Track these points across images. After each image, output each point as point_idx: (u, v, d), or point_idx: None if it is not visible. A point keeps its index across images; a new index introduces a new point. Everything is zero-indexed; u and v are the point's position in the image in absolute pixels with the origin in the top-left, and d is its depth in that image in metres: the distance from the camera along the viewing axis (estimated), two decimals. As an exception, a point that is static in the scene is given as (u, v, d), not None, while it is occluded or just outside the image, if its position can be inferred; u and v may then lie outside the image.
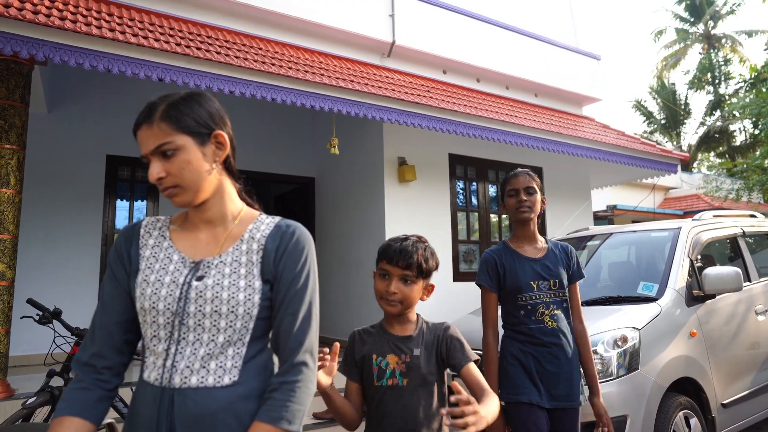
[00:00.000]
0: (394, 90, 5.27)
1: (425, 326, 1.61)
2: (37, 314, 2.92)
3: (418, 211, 5.94)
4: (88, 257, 5.58)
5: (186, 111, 1.08)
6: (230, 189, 1.17)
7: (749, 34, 21.83)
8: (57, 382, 2.82)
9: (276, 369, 1.12)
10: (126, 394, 3.20)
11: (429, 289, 1.62)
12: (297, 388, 1.04)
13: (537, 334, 2.14)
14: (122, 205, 6.01)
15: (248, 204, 1.23)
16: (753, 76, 14.07)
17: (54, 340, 2.90)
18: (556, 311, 2.15)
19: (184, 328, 1.04)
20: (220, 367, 1.04)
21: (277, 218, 1.18)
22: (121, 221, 5.93)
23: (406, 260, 1.52)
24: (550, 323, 2.14)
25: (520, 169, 2.28)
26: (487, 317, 2.21)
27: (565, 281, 2.19)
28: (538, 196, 2.22)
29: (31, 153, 4.60)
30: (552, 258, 2.21)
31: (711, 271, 3.26)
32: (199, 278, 1.06)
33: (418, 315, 1.64)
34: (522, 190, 2.20)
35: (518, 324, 2.18)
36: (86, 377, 1.08)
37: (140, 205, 6.12)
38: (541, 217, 2.42)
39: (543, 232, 2.41)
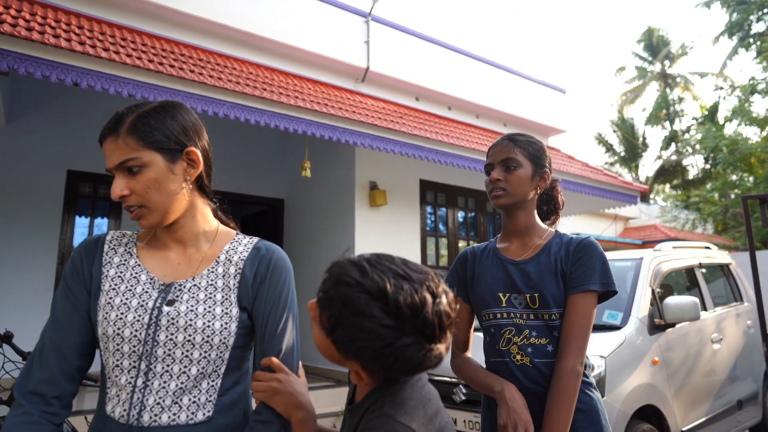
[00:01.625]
0: (367, 115, 5.32)
1: (372, 400, 0.86)
2: (-15, 337, 2.74)
3: (388, 236, 5.95)
4: (41, 276, 5.32)
5: (156, 125, 0.98)
6: (203, 208, 1.09)
7: (701, 75, 23.27)
8: (2, 411, 2.65)
9: (253, 402, 1.05)
10: (79, 424, 3.02)
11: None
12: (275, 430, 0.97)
13: (500, 370, 1.45)
14: (81, 222, 5.78)
15: (224, 223, 1.15)
16: (703, 114, 14.94)
17: (3, 366, 2.72)
18: (535, 341, 1.41)
19: (152, 358, 0.95)
20: (194, 402, 0.96)
21: (255, 239, 1.11)
22: (79, 239, 5.70)
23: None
24: (519, 357, 1.42)
25: (508, 134, 1.56)
26: (457, 336, 1.57)
27: (560, 294, 1.42)
28: (526, 171, 1.47)
29: (-14, 166, 4.39)
30: (541, 261, 1.46)
31: (671, 300, 3.37)
32: (170, 303, 0.97)
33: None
34: (497, 165, 1.49)
35: (486, 354, 1.55)
36: (32, 408, 0.93)
37: (101, 222, 5.91)
38: (548, 201, 1.68)
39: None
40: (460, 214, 6.99)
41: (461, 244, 6.89)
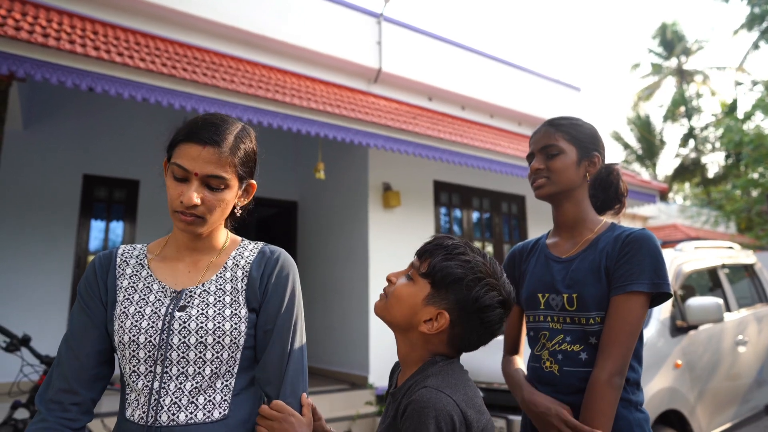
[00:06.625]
0: (380, 116, 5.29)
1: (413, 381, 0.97)
2: (4, 341, 2.77)
3: (402, 238, 5.91)
4: (58, 280, 5.38)
5: (248, 154, 1.08)
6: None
7: (719, 68, 22.77)
8: (22, 414, 2.67)
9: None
10: (96, 427, 3.04)
11: (434, 318, 0.97)
12: None
13: (533, 377, 1.36)
14: (97, 226, 5.84)
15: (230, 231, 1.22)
16: (723, 111, 14.62)
17: (21, 369, 2.75)
18: (568, 347, 1.27)
19: (167, 361, 1.00)
20: (210, 401, 1.00)
21: (260, 244, 1.17)
22: (95, 242, 5.76)
23: (423, 246, 1.06)
24: (548, 364, 1.30)
25: (549, 119, 1.43)
26: (505, 337, 1.54)
27: (602, 296, 1.26)
28: (569, 156, 1.34)
29: (3, 171, 4.46)
30: (587, 258, 1.30)
31: (693, 301, 3.28)
32: (182, 308, 1.03)
33: (434, 358, 0.99)
34: (538, 153, 1.38)
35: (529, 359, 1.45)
36: (50, 415, 1.00)
37: (116, 226, 5.96)
38: (605, 188, 1.46)
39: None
40: (475, 215, 6.92)
41: (476, 245, 6.82)
